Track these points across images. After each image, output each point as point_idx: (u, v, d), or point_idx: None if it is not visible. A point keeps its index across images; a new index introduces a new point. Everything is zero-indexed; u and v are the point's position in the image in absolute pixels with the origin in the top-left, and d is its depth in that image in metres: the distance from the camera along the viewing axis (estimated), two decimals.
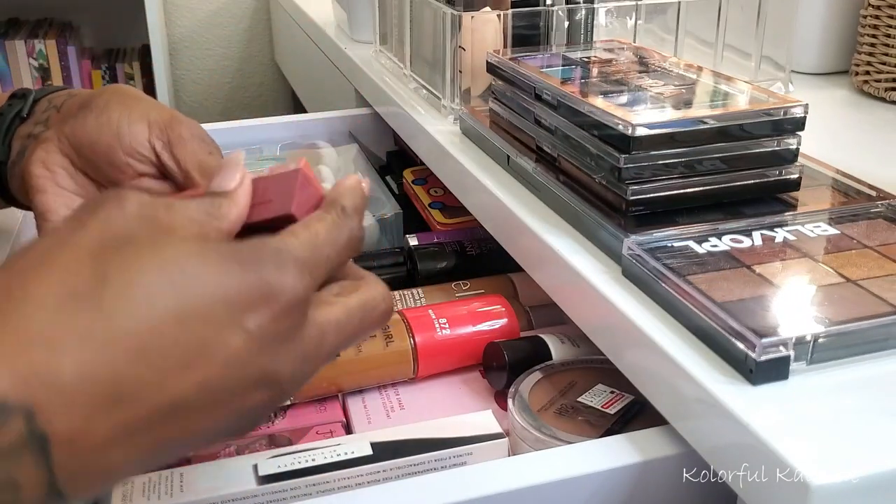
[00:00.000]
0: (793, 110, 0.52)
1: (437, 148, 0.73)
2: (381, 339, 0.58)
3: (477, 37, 0.71)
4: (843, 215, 0.52)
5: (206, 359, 0.31)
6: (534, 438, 0.49)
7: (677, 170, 0.51)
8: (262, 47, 2.18)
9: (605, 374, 0.55)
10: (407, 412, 0.57)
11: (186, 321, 0.31)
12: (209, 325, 0.31)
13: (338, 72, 1.13)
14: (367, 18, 1.01)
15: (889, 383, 0.39)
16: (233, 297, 0.32)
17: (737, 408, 0.37)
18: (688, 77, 0.60)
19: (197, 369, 0.31)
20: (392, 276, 0.76)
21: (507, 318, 0.63)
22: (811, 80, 0.90)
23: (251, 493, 0.46)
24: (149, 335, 0.30)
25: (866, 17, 0.83)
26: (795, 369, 0.39)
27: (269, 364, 0.33)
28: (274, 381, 0.33)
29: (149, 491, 0.46)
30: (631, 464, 0.43)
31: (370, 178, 0.91)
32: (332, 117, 1.05)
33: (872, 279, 0.44)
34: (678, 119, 0.51)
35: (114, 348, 0.30)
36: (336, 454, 0.48)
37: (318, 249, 0.35)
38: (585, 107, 0.54)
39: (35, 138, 0.50)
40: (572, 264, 0.50)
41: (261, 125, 1.02)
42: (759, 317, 0.41)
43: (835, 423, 0.37)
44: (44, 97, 0.53)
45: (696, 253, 0.47)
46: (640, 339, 0.44)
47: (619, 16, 0.76)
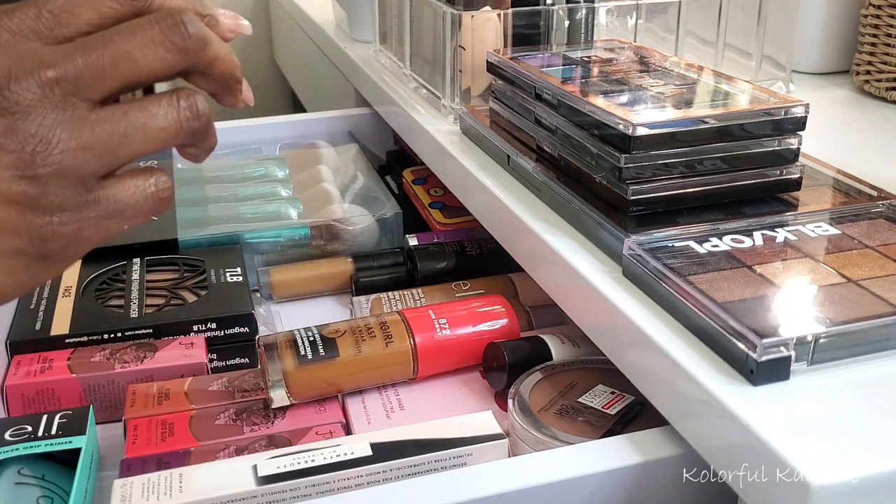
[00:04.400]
0: (793, 110, 0.52)
1: (436, 148, 0.72)
2: (380, 340, 0.58)
3: (477, 36, 0.71)
4: (843, 215, 0.52)
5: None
6: (534, 439, 0.49)
7: (678, 169, 0.51)
8: (262, 47, 2.18)
9: (605, 375, 0.55)
10: (407, 413, 0.57)
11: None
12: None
13: (337, 71, 1.13)
14: (367, 18, 1.01)
15: (890, 384, 0.39)
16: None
17: (737, 408, 0.37)
18: (688, 77, 0.60)
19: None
20: (392, 276, 0.76)
21: (507, 319, 0.62)
22: (812, 80, 0.90)
23: (251, 494, 0.46)
24: None
25: (867, 16, 0.82)
26: (796, 370, 0.39)
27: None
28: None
29: (148, 491, 0.46)
30: (631, 464, 0.43)
31: (370, 178, 0.91)
32: (332, 117, 1.05)
33: (873, 279, 0.44)
34: (679, 119, 0.51)
35: None
36: (336, 455, 0.48)
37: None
38: (586, 106, 0.54)
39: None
40: (573, 264, 0.50)
41: (260, 125, 1.02)
42: (760, 317, 0.41)
43: (835, 423, 0.37)
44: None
45: (696, 253, 0.47)
46: (641, 340, 0.44)
47: (619, 15, 0.76)
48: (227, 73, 0.37)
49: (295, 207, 0.83)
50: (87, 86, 0.34)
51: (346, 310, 0.75)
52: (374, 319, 0.59)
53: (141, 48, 0.34)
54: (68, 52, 0.34)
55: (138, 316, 0.65)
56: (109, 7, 0.35)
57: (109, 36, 0.34)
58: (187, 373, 0.61)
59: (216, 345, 0.65)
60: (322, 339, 0.57)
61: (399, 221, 0.83)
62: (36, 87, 0.33)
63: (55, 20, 0.34)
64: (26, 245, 0.34)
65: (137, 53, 0.34)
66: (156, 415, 0.55)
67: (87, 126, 0.34)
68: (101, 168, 0.34)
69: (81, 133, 0.34)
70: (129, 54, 0.34)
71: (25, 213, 0.33)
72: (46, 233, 0.34)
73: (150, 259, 0.74)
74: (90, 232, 0.35)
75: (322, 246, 0.80)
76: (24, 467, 0.51)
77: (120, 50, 0.34)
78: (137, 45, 0.34)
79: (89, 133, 0.34)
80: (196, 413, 0.55)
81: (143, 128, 0.35)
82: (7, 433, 0.52)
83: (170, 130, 0.35)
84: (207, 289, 0.69)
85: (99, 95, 0.34)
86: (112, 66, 0.34)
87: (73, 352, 0.62)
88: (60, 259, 0.35)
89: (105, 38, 0.34)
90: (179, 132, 0.36)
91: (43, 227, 0.34)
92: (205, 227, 0.79)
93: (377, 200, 0.86)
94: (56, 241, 0.34)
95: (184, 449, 0.52)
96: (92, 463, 0.53)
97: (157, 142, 0.35)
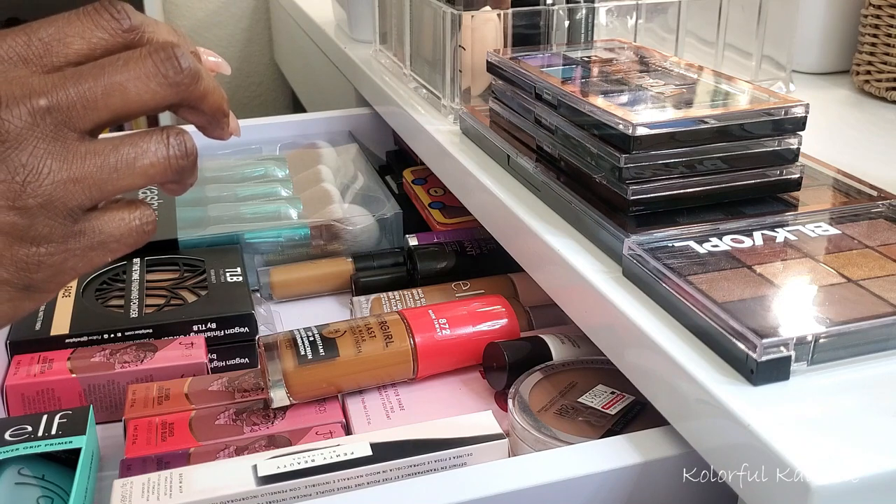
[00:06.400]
0: (793, 110, 0.52)
1: (436, 148, 0.72)
2: (381, 340, 0.58)
3: (477, 36, 0.71)
4: (844, 215, 0.52)
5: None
6: (534, 439, 0.49)
7: (678, 169, 0.51)
8: (262, 47, 2.17)
9: (605, 375, 0.55)
10: (407, 413, 0.57)
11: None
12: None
13: (337, 71, 1.13)
14: (367, 18, 1.01)
15: (889, 383, 0.39)
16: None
17: (737, 408, 0.37)
18: (688, 77, 0.60)
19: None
20: (392, 276, 0.76)
21: (507, 319, 0.62)
22: (812, 80, 0.90)
23: (251, 494, 0.46)
24: None
25: (867, 16, 0.82)
26: (796, 370, 0.39)
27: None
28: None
29: (148, 491, 0.46)
30: (631, 464, 0.43)
31: (370, 178, 0.91)
32: (332, 117, 1.05)
33: (873, 279, 0.44)
34: (679, 119, 0.51)
35: None
36: (336, 455, 0.48)
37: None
38: (586, 106, 0.54)
39: None
40: (573, 264, 0.50)
41: (260, 125, 1.02)
42: (760, 317, 0.41)
43: (835, 423, 0.37)
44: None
45: (696, 253, 0.47)
46: (641, 340, 0.44)
47: (619, 15, 0.76)
48: (216, 106, 0.37)
49: (295, 207, 0.83)
50: (79, 116, 0.33)
51: (346, 310, 0.75)
52: (374, 319, 0.59)
53: (133, 80, 0.34)
54: (59, 82, 0.33)
55: (138, 316, 0.65)
56: (100, 38, 0.35)
57: (102, 67, 0.34)
58: (187, 373, 0.61)
59: (216, 345, 0.65)
60: (322, 339, 0.57)
61: (399, 221, 0.83)
62: (27, 115, 0.33)
63: (45, 48, 0.34)
64: (11, 275, 0.34)
65: (130, 85, 0.34)
66: (156, 415, 0.55)
67: (77, 158, 0.33)
68: (89, 201, 0.34)
69: (72, 165, 0.33)
70: (122, 86, 0.34)
71: (12, 244, 0.33)
72: (32, 263, 0.34)
73: (150, 259, 0.74)
74: (74, 263, 0.35)
75: (322, 246, 0.80)
76: (24, 467, 0.51)
77: (112, 81, 0.34)
78: (130, 78, 0.34)
79: (79, 165, 0.33)
80: (196, 413, 0.55)
81: (132, 163, 0.35)
82: (7, 433, 0.52)
83: (159, 167, 0.35)
84: (207, 289, 0.69)
85: (89, 126, 0.34)
86: (104, 97, 0.34)
87: (73, 352, 0.62)
88: (44, 290, 0.35)
89: (98, 69, 0.34)
90: (168, 169, 0.36)
91: (29, 258, 0.34)
92: (205, 227, 0.79)
93: (377, 200, 0.86)
94: (41, 271, 0.34)
95: (184, 449, 0.52)
96: (92, 463, 0.53)
97: (146, 178, 0.35)
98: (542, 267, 0.55)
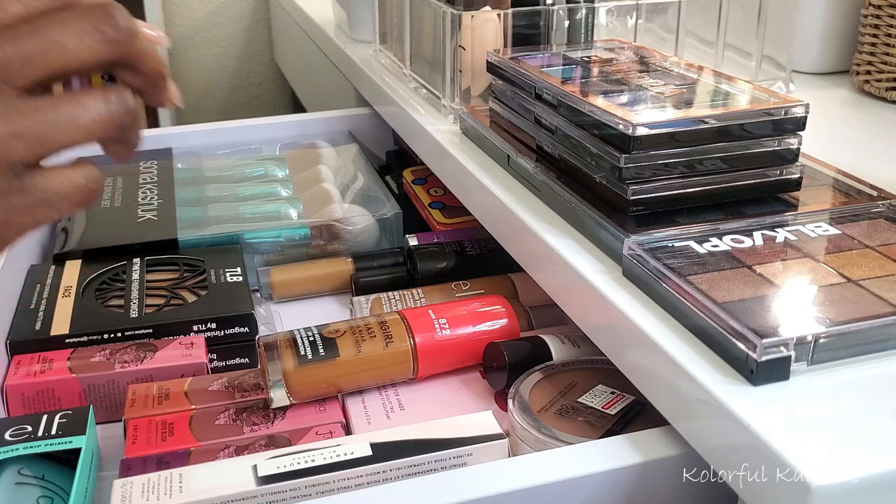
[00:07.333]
0: (793, 110, 0.52)
1: (436, 147, 0.72)
2: (380, 340, 0.58)
3: (477, 36, 0.71)
4: (843, 215, 0.52)
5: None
6: (534, 439, 0.49)
7: (678, 169, 0.51)
8: (262, 47, 2.17)
9: (605, 375, 0.55)
10: (407, 413, 0.57)
11: None
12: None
13: (337, 71, 1.13)
14: (367, 18, 1.01)
15: (889, 383, 0.39)
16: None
17: (737, 408, 0.37)
18: (688, 77, 0.60)
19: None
20: (392, 276, 0.76)
21: (507, 319, 0.62)
22: (812, 80, 0.90)
23: (251, 494, 0.46)
24: None
25: (867, 16, 0.82)
26: (796, 370, 0.39)
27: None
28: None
29: (148, 491, 0.46)
30: (631, 464, 0.43)
31: (370, 178, 0.91)
32: (332, 117, 1.05)
33: (873, 279, 0.44)
34: (679, 119, 0.51)
35: None
36: (336, 455, 0.48)
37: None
38: (586, 106, 0.54)
39: None
40: (573, 264, 0.50)
41: (260, 125, 1.02)
42: (760, 317, 0.41)
43: (835, 423, 0.37)
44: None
45: (696, 253, 0.47)
46: (641, 340, 0.44)
47: (619, 15, 0.76)
48: (154, 67, 0.38)
49: (295, 207, 0.83)
50: (16, 73, 0.34)
51: (346, 310, 0.75)
52: (374, 319, 0.59)
53: (71, 37, 0.34)
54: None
55: (138, 316, 0.65)
56: (37, 0, 0.35)
57: (38, 25, 0.34)
58: (187, 373, 0.61)
59: (216, 345, 0.65)
60: (322, 339, 0.57)
61: (399, 221, 0.83)
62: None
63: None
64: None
65: (68, 42, 0.34)
66: (156, 415, 0.55)
67: (17, 113, 0.34)
68: (30, 156, 0.34)
69: (11, 120, 0.34)
70: (59, 43, 0.34)
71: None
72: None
73: (150, 259, 0.74)
74: (20, 219, 0.35)
75: (322, 246, 0.80)
76: (24, 467, 0.51)
77: (50, 38, 0.34)
78: (67, 35, 0.34)
79: (20, 120, 0.34)
80: (196, 413, 0.55)
81: (73, 119, 0.35)
82: (7, 433, 0.52)
83: (100, 122, 0.36)
84: (207, 289, 0.69)
85: (28, 83, 0.34)
86: (42, 55, 0.34)
87: (73, 352, 0.62)
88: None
89: (35, 27, 0.34)
90: (109, 125, 0.36)
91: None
92: (205, 227, 0.79)
93: (377, 200, 0.86)
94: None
95: (184, 449, 0.52)
96: (92, 463, 0.53)
97: (87, 133, 0.36)
98: (542, 267, 0.55)
